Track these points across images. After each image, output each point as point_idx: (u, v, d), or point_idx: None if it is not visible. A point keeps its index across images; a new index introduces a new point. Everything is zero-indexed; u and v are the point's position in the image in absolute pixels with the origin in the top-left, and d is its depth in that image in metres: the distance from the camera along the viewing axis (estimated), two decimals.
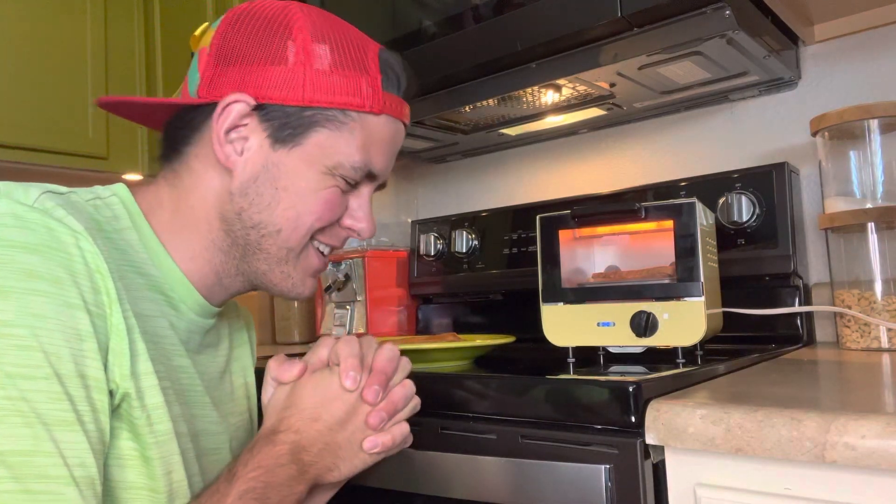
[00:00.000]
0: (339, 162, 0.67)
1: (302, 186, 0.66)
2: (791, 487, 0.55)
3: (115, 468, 0.57)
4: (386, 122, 0.69)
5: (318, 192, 0.67)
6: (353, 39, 0.68)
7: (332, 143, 0.66)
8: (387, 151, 0.71)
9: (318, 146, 0.66)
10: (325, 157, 0.66)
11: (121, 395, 0.56)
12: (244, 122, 0.65)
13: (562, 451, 0.65)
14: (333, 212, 0.69)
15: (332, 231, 0.71)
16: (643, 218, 0.93)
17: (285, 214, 0.67)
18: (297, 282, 0.70)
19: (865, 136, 0.96)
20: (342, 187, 0.68)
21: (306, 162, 0.66)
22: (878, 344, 0.93)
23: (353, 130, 0.67)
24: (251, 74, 0.65)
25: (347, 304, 1.51)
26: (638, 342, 0.89)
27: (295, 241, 0.68)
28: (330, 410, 0.64)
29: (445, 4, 1.08)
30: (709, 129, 1.27)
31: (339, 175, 0.67)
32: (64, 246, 0.54)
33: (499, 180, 1.55)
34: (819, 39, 1.14)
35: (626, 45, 0.96)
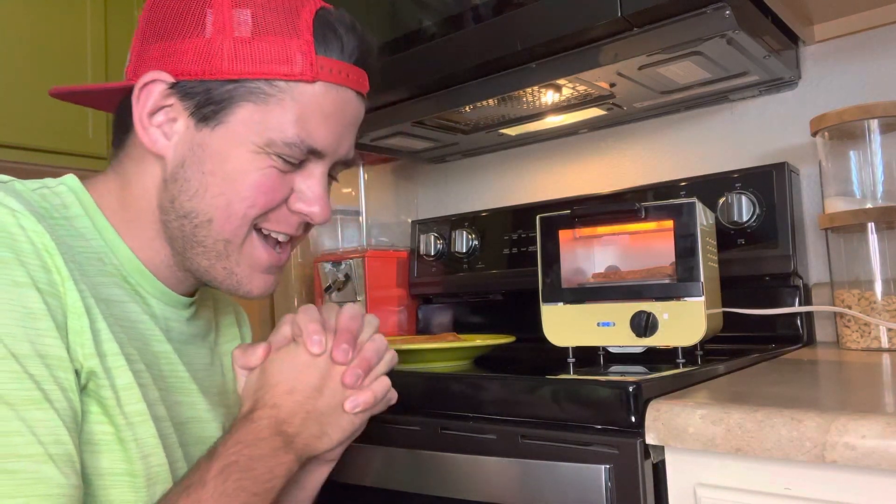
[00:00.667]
0: (269, 139, 0.61)
1: (229, 169, 0.61)
2: (791, 487, 0.55)
3: (88, 454, 0.55)
4: (326, 91, 0.62)
5: (249, 174, 0.61)
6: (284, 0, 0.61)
7: (260, 117, 0.60)
8: (333, 124, 0.63)
9: (243, 123, 0.60)
10: (254, 135, 0.61)
11: (86, 374, 0.55)
12: (168, 103, 0.61)
13: (562, 451, 0.65)
14: (270, 196, 0.62)
15: (278, 217, 0.64)
16: (643, 218, 0.93)
17: (214, 202, 0.61)
18: (243, 278, 0.65)
19: (865, 136, 0.96)
20: (280, 167, 0.62)
21: (232, 141, 0.61)
22: (878, 344, 0.93)
23: (283, 102, 0.60)
24: (171, 49, 0.60)
25: None
26: (638, 342, 0.89)
27: (230, 232, 0.62)
28: (303, 380, 0.63)
29: (445, 4, 1.08)
30: (709, 129, 1.27)
31: (274, 154, 0.61)
32: (4, 226, 0.52)
33: (499, 180, 1.55)
34: (819, 39, 1.14)
35: (626, 45, 0.96)
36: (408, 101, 1.19)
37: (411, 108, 1.20)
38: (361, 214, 1.56)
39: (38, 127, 1.50)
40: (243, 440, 0.59)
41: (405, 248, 1.55)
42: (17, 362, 0.49)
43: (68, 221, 0.61)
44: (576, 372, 0.85)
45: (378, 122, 1.26)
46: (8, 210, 0.53)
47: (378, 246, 1.53)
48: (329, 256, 1.54)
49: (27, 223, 0.53)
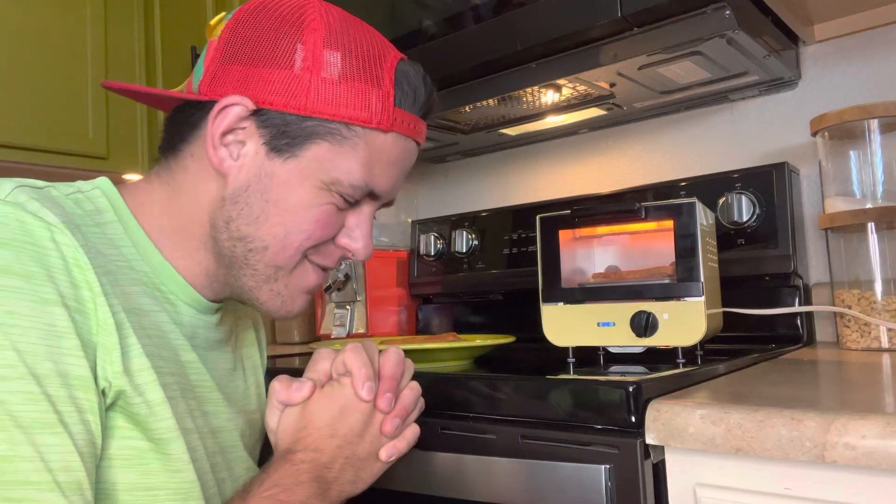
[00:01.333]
0: (336, 178, 0.62)
1: (293, 202, 0.62)
2: (791, 487, 0.55)
3: (117, 469, 0.55)
4: (395, 141, 0.64)
5: (311, 209, 0.62)
6: (370, 48, 0.63)
7: (332, 157, 0.62)
8: (393, 171, 0.66)
9: (315, 160, 0.62)
10: (322, 172, 0.62)
11: (115, 393, 0.54)
12: (242, 126, 0.62)
13: (562, 451, 0.65)
14: (326, 231, 0.64)
15: (325, 250, 0.66)
16: (643, 218, 0.93)
17: (273, 231, 0.62)
18: (287, 299, 0.66)
19: (865, 136, 0.96)
20: (339, 205, 0.64)
21: (301, 175, 0.62)
22: (878, 344, 0.93)
23: (357, 146, 0.62)
24: (254, 75, 0.61)
25: (347, 304, 1.51)
26: (638, 342, 0.89)
27: (283, 260, 0.64)
28: (347, 423, 0.63)
29: (445, 4, 1.08)
30: (709, 129, 1.27)
31: (336, 192, 0.63)
32: (37, 240, 0.51)
33: (499, 180, 1.55)
34: (819, 39, 1.14)
35: (626, 45, 0.96)
36: None
37: None
38: None
39: (38, 127, 1.50)
40: (281, 483, 0.58)
41: (405, 248, 1.55)
42: (37, 383, 0.49)
43: (101, 228, 0.60)
44: (576, 372, 0.85)
45: None
46: (44, 224, 0.52)
47: (378, 246, 1.53)
48: None
49: (61, 238, 0.53)
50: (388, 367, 0.67)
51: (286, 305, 0.66)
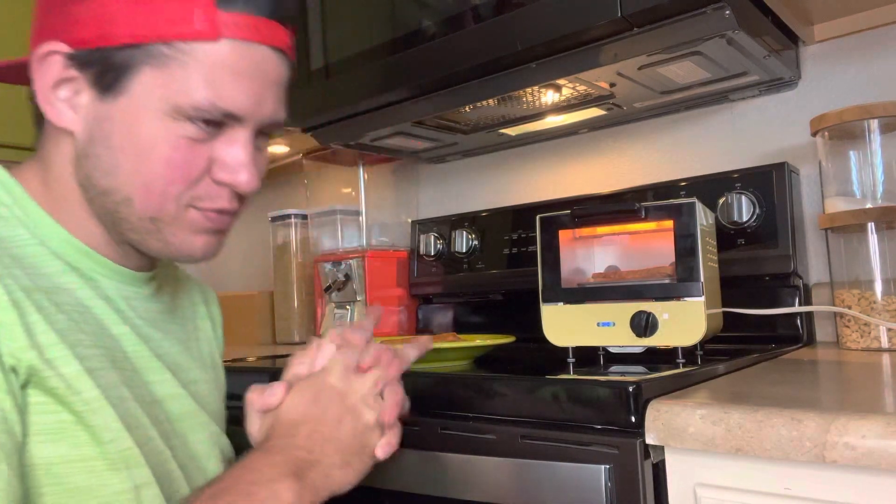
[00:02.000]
0: (176, 104, 0.56)
1: (139, 143, 0.57)
2: (791, 487, 0.55)
3: (48, 444, 0.53)
4: (234, 49, 0.57)
5: (159, 146, 0.57)
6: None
7: (161, 82, 0.56)
8: (246, 84, 0.58)
9: (145, 90, 0.56)
10: (158, 101, 0.56)
11: (26, 370, 0.52)
12: (70, 75, 0.57)
13: (562, 451, 0.65)
14: (186, 170, 0.58)
15: (207, 192, 0.60)
16: (643, 218, 0.93)
17: (130, 180, 0.58)
18: (182, 245, 0.62)
19: (865, 136, 0.96)
20: (194, 136, 0.58)
21: (137, 111, 0.57)
22: (878, 344, 0.93)
23: (186, 65, 0.56)
24: (65, 16, 0.56)
25: (347, 304, 1.51)
26: (638, 342, 0.89)
27: (154, 211, 0.59)
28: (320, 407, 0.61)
29: (445, 4, 1.08)
30: (709, 129, 1.27)
31: (185, 120, 0.57)
32: None
33: (499, 180, 1.55)
34: (819, 39, 1.14)
35: (626, 45, 0.96)
36: (408, 101, 1.19)
37: (411, 108, 1.20)
38: (361, 214, 1.56)
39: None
40: (249, 465, 0.56)
41: (405, 248, 1.55)
42: None
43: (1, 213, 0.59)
44: (576, 372, 0.85)
45: (378, 122, 1.26)
46: None
47: (378, 246, 1.53)
48: (329, 256, 1.54)
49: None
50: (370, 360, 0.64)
51: (183, 251, 0.62)
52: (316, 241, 1.62)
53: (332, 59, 1.25)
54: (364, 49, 1.19)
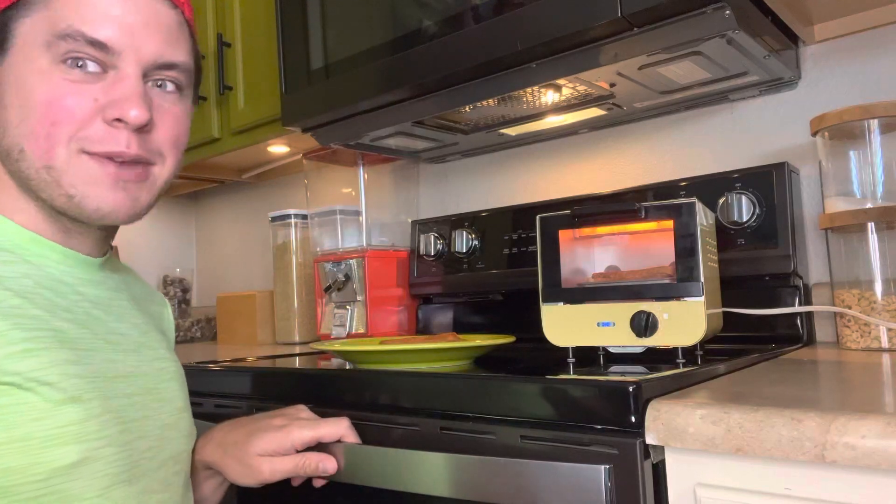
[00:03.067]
0: (46, 41, 0.59)
1: (24, 94, 0.60)
2: (791, 487, 0.55)
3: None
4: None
5: (37, 90, 0.59)
6: None
7: (35, 28, 0.60)
8: (115, 12, 0.61)
9: (25, 42, 0.60)
10: (36, 48, 0.60)
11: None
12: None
13: (562, 451, 0.65)
14: (71, 110, 0.60)
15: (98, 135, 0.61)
16: (643, 218, 0.93)
17: (19, 131, 0.60)
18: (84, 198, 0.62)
19: (865, 136, 0.96)
20: (76, 78, 0.60)
21: (20, 64, 0.60)
22: (878, 344, 0.93)
23: (49, 4, 0.60)
24: None
25: (347, 304, 1.51)
26: (638, 342, 0.89)
27: (42, 156, 0.60)
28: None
29: (445, 4, 1.08)
30: (709, 129, 1.27)
31: (60, 61, 0.60)
32: None
33: (499, 180, 1.55)
34: (819, 39, 1.14)
35: (626, 45, 0.96)
36: (408, 101, 1.19)
37: (411, 108, 1.20)
38: (361, 214, 1.56)
39: None
40: None
41: (405, 248, 1.55)
42: None
43: None
44: (576, 372, 0.85)
45: (378, 122, 1.26)
46: None
47: (378, 246, 1.53)
48: (329, 256, 1.54)
49: None
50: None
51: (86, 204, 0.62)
52: (316, 241, 1.62)
53: (332, 59, 1.25)
54: (364, 49, 1.19)
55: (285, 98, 1.33)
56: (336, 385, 0.88)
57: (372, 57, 1.17)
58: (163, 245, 2.31)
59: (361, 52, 1.19)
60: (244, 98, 1.59)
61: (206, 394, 1.03)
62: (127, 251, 2.09)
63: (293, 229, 1.70)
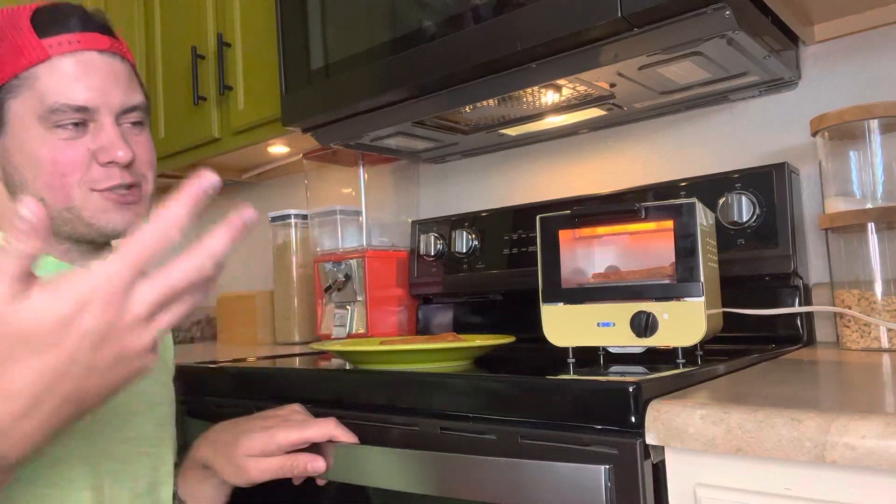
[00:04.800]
0: (40, 115, 0.73)
1: (30, 158, 0.74)
2: (791, 487, 0.55)
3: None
4: (64, 61, 0.74)
5: (42, 151, 0.74)
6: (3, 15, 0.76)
7: (25, 105, 0.74)
8: (86, 81, 0.75)
9: (18, 117, 0.74)
10: (30, 120, 0.74)
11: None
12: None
13: (562, 451, 0.65)
14: (70, 162, 0.75)
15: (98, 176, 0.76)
16: (643, 218, 0.93)
17: (36, 185, 0.75)
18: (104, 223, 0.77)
19: (865, 136, 0.96)
20: (68, 137, 0.74)
21: (19, 136, 0.74)
22: (878, 344, 0.93)
23: (33, 86, 0.74)
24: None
25: (347, 304, 1.51)
26: (638, 342, 0.89)
27: (62, 202, 0.75)
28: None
29: (445, 4, 1.08)
30: (709, 129, 1.27)
31: (54, 126, 0.74)
32: None
33: (499, 180, 1.55)
34: (819, 39, 1.14)
35: (626, 45, 0.96)
36: (408, 101, 1.19)
37: (411, 108, 1.20)
38: (361, 214, 1.56)
39: None
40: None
41: (405, 248, 1.55)
42: None
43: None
44: (576, 372, 0.85)
45: (378, 122, 1.26)
46: None
47: (378, 246, 1.53)
48: (329, 256, 1.54)
49: None
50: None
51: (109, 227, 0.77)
52: (316, 241, 1.62)
53: (332, 59, 1.25)
54: (364, 49, 1.19)
55: (285, 98, 1.33)
56: (336, 385, 0.88)
57: (372, 57, 1.17)
58: None
59: (361, 52, 1.19)
60: (244, 98, 1.59)
61: (207, 394, 1.03)
62: None
63: (293, 229, 1.70)
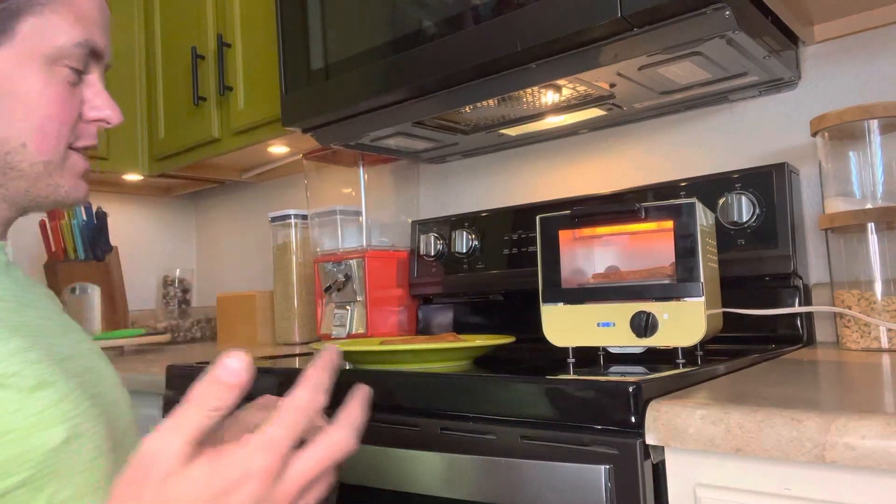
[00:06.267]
0: (58, 46, 0.62)
1: (27, 88, 0.62)
2: (791, 487, 0.55)
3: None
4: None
5: (46, 89, 0.62)
6: None
7: (42, 27, 0.62)
8: (102, 26, 0.67)
9: (28, 37, 0.61)
10: (42, 46, 0.62)
11: None
12: None
13: (562, 451, 0.65)
14: (70, 110, 0.64)
15: (80, 130, 0.66)
16: (643, 218, 0.93)
17: (21, 126, 0.62)
18: (71, 189, 0.66)
19: (865, 136, 0.96)
20: (70, 79, 0.64)
21: (21, 58, 0.61)
22: (878, 344, 0.93)
23: (57, 9, 0.62)
24: None
25: (347, 305, 1.51)
26: (638, 342, 0.89)
27: (48, 153, 0.63)
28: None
29: (445, 4, 1.08)
30: (709, 129, 1.27)
31: (63, 64, 0.63)
32: None
33: (499, 180, 1.55)
34: (819, 39, 1.15)
35: (626, 45, 0.96)
36: (408, 101, 1.19)
37: (411, 108, 1.20)
38: (361, 214, 1.56)
39: None
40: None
41: (405, 248, 1.55)
42: None
43: None
44: (576, 372, 0.85)
45: (378, 122, 1.26)
46: None
47: (378, 246, 1.53)
48: (329, 256, 1.54)
49: None
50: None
51: (71, 195, 0.67)
52: (316, 242, 1.62)
53: (332, 60, 1.25)
54: (364, 49, 1.19)
55: (285, 98, 1.33)
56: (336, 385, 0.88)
57: (372, 57, 1.17)
58: (163, 245, 2.31)
59: (361, 52, 1.19)
60: (244, 98, 1.59)
61: None
62: (127, 251, 2.09)
63: (293, 229, 1.70)
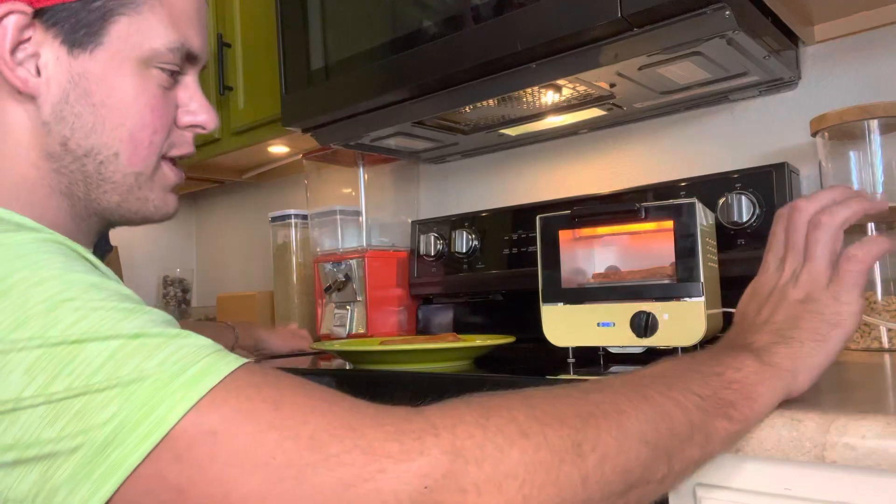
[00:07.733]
0: (152, 49, 0.58)
1: (121, 95, 0.57)
2: (791, 487, 0.54)
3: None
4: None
5: (141, 95, 0.58)
6: None
7: (137, 29, 0.57)
8: (198, 24, 0.62)
9: (121, 38, 0.57)
10: (135, 49, 0.57)
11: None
12: (27, 37, 0.55)
13: None
14: (165, 117, 0.60)
15: (175, 138, 0.62)
16: (643, 218, 0.93)
17: (116, 134, 0.58)
18: (160, 203, 0.63)
19: (865, 136, 0.96)
20: (165, 84, 0.60)
21: (116, 61, 0.57)
22: (879, 344, 0.93)
23: (154, 8, 0.58)
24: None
25: (347, 305, 1.51)
26: (638, 342, 0.89)
27: (139, 165, 0.59)
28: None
29: (445, 4, 1.08)
30: (709, 129, 1.27)
31: (157, 67, 0.58)
32: None
33: (499, 180, 1.55)
34: (819, 40, 1.14)
35: (626, 45, 0.96)
36: (408, 101, 1.19)
37: (411, 109, 1.20)
38: (361, 214, 1.56)
39: None
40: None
41: (405, 248, 1.55)
42: None
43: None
44: (576, 372, 0.85)
45: (378, 122, 1.26)
46: None
47: (378, 246, 1.53)
48: (329, 256, 1.54)
49: None
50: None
51: (160, 209, 0.63)
52: (316, 242, 1.62)
53: (332, 60, 1.25)
54: (364, 49, 1.19)
55: (285, 98, 1.33)
56: (336, 385, 0.88)
57: (372, 57, 1.17)
58: (163, 245, 2.31)
59: (361, 52, 1.19)
60: (244, 98, 1.59)
61: None
62: (127, 251, 2.09)
63: (293, 229, 1.70)
